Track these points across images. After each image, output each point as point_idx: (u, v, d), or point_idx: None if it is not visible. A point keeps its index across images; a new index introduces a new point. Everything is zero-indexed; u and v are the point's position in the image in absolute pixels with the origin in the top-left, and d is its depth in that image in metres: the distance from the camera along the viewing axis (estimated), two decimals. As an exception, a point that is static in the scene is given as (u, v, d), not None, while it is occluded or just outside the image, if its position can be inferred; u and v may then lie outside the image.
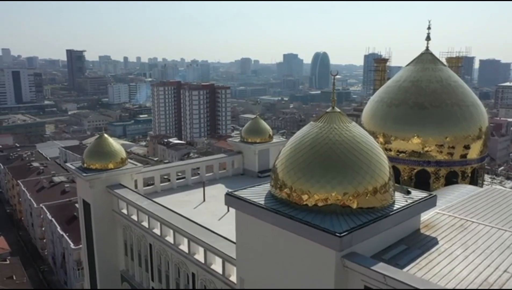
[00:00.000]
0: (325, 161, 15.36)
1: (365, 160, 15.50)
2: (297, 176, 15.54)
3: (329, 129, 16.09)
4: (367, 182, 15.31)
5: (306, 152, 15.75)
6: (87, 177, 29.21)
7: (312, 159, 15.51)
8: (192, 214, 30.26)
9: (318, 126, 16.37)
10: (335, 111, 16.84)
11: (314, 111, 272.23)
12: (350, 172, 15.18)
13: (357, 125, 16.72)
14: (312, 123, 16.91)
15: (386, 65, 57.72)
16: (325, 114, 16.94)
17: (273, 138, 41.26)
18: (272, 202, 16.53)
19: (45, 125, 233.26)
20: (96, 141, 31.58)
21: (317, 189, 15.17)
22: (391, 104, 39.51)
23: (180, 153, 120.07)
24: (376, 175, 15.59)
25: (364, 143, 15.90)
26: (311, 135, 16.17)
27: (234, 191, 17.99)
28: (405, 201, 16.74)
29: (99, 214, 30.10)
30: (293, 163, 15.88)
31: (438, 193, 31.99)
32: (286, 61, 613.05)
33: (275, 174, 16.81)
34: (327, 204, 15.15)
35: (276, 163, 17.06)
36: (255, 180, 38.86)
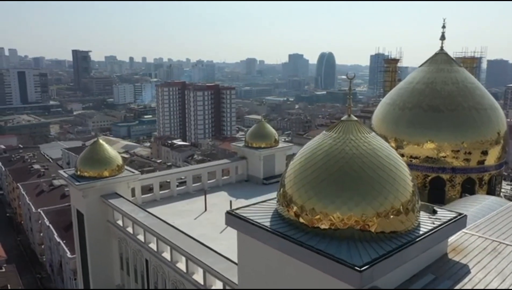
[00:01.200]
0: (341, 178, 13.24)
1: (387, 177, 13.36)
2: (308, 195, 13.43)
3: (345, 140, 13.96)
4: (389, 203, 13.18)
5: (318, 167, 13.63)
6: (80, 186, 27.30)
7: (325, 175, 13.39)
8: (192, 226, 28.37)
9: (332, 137, 14.25)
10: (351, 120, 14.72)
11: (319, 111, 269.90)
12: (371, 191, 13.05)
13: (376, 136, 14.58)
14: (325, 133, 14.78)
15: (396, 66, 55.53)
16: (339, 122, 14.81)
17: (279, 142, 39.15)
18: (278, 223, 14.44)
19: (50, 126, 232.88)
20: (90, 147, 29.67)
21: (331, 211, 13.06)
22: (403, 107, 37.44)
23: (184, 155, 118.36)
24: (400, 195, 13.45)
25: (386, 157, 13.75)
26: (324, 147, 14.05)
27: (235, 210, 15.89)
28: (432, 223, 14.58)
29: (93, 225, 28.17)
30: (304, 179, 13.78)
31: (457, 204, 29.93)
32: (291, 61, 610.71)
33: (283, 191, 14.72)
34: (343, 228, 13.03)
35: (284, 178, 14.96)
36: (260, 188, 36.90)
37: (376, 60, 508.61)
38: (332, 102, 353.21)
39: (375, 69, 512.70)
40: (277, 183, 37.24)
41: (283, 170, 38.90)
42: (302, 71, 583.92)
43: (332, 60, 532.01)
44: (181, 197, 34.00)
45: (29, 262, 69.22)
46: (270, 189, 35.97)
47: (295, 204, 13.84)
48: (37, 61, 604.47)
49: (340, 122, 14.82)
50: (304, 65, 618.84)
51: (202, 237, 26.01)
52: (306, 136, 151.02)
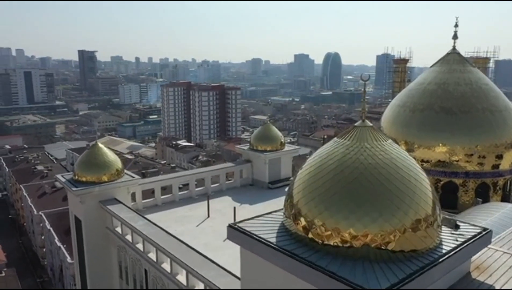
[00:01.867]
0: (356, 191, 11.93)
1: (407, 190, 12.02)
2: (319, 210, 12.13)
3: (359, 148, 12.63)
4: (410, 219, 11.86)
5: (330, 178, 12.32)
6: (77, 191, 26.15)
7: (338, 187, 12.08)
8: (194, 234, 27.18)
9: (345, 145, 12.92)
10: (366, 125, 13.38)
11: (325, 112, 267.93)
12: (388, 206, 11.72)
13: (393, 144, 13.24)
14: (337, 140, 13.46)
15: (406, 66, 54.06)
16: (353, 128, 13.48)
17: (285, 145, 37.83)
18: (285, 238, 13.14)
19: (56, 126, 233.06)
20: (89, 151, 28.53)
21: (344, 227, 11.75)
22: (414, 108, 35.97)
23: (189, 156, 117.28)
24: (421, 210, 12.11)
25: (405, 168, 12.41)
26: (336, 156, 12.72)
27: (238, 223, 14.60)
28: (455, 239, 13.21)
29: (91, 232, 27.04)
30: (314, 192, 12.47)
31: (473, 213, 28.43)
32: (297, 61, 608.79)
33: (290, 202, 13.42)
34: (358, 246, 11.72)
35: (292, 189, 13.66)
36: (265, 192, 35.61)
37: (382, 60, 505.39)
38: (338, 102, 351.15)
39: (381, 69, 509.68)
40: (283, 188, 36.30)
41: (290, 174, 37.98)
42: (307, 71, 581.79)
43: (338, 60, 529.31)
44: (184, 202, 32.79)
45: (31, 265, 68.37)
46: (275, 194, 34.71)
47: (303, 218, 12.55)
48: (43, 61, 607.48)
49: (353, 128, 13.49)
50: (310, 65, 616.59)
51: (204, 247, 24.84)
52: (312, 137, 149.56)
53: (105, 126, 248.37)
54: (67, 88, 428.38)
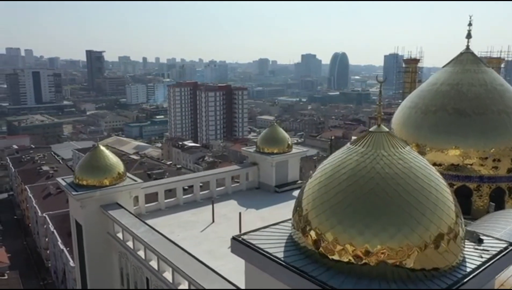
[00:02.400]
0: (371, 203, 10.87)
1: (428, 203, 10.94)
2: (330, 223, 11.09)
3: (375, 156, 11.56)
4: (431, 234, 10.79)
5: (343, 189, 11.27)
6: (77, 195, 25.32)
7: (352, 199, 11.03)
8: (198, 240, 26.24)
9: (359, 152, 11.85)
10: (382, 131, 12.30)
11: (332, 112, 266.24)
12: (408, 220, 10.65)
13: (412, 151, 12.16)
14: (350, 146, 12.40)
15: (417, 66, 52.66)
16: (367, 134, 12.40)
17: (293, 147, 36.75)
18: (293, 253, 12.12)
19: (63, 126, 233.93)
20: (90, 154, 27.72)
21: (359, 243, 10.70)
22: (426, 110, 34.68)
23: (195, 157, 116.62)
24: (443, 224, 11.03)
25: (425, 178, 11.33)
26: (349, 164, 11.67)
27: (243, 235, 13.58)
28: (479, 256, 12.09)
29: (91, 238, 26.20)
30: (325, 203, 11.43)
31: (490, 220, 27.12)
32: (304, 61, 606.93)
33: (299, 213, 12.40)
34: (373, 264, 10.66)
35: (302, 199, 12.62)
36: (272, 196, 34.55)
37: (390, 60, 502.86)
38: (345, 102, 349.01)
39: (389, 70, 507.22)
40: (290, 191, 35.16)
41: (297, 177, 36.85)
42: (314, 72, 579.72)
43: (346, 60, 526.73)
44: (188, 206, 31.84)
45: (35, 267, 67.98)
46: (282, 198, 33.69)
47: (313, 232, 11.52)
48: (52, 62, 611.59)
49: (368, 133, 12.41)
50: (317, 65, 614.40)
51: (208, 254, 23.92)
52: (319, 138, 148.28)
53: (112, 126, 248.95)
54: (75, 88, 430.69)
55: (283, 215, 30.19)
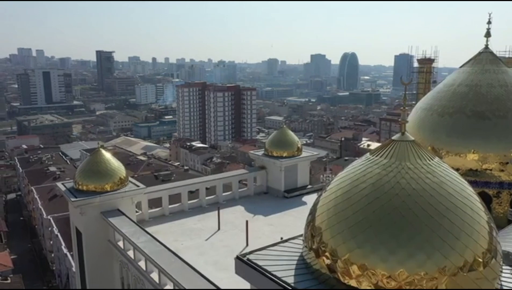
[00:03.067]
0: (396, 225, 9.40)
1: (462, 224, 9.44)
2: (348, 247, 9.64)
3: (399, 169, 10.09)
4: (466, 261, 9.27)
5: (362, 207, 9.81)
6: (76, 202, 24.17)
7: (373, 220, 9.57)
8: (203, 249, 24.92)
9: (381, 164, 10.38)
10: (406, 140, 10.81)
11: (342, 113, 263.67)
12: (440, 245, 9.18)
13: (442, 163, 10.65)
14: (370, 157, 10.94)
15: (432, 66, 50.76)
16: (390, 143, 10.93)
17: (302, 151, 35.26)
18: (305, 277, 10.72)
19: (72, 126, 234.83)
20: (90, 158, 26.58)
21: (382, 271, 9.25)
22: (443, 112, 32.93)
23: (203, 158, 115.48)
24: (479, 248, 9.52)
25: (459, 195, 9.83)
26: (370, 178, 10.21)
27: (248, 254, 12.18)
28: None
29: (91, 246, 25.03)
30: (342, 223, 9.99)
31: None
32: (313, 61, 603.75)
33: (312, 231, 10.99)
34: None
35: (315, 215, 11.18)
36: (281, 202, 33.13)
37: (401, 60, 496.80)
38: (354, 103, 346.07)
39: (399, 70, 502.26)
40: (299, 197, 33.65)
41: (307, 182, 35.31)
42: (324, 72, 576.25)
43: (355, 60, 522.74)
44: (193, 212, 30.54)
45: (40, 269, 67.28)
46: (292, 204, 32.31)
47: (328, 255, 10.09)
48: (63, 62, 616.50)
49: (390, 142, 10.94)
50: (326, 65, 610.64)
51: (213, 265, 22.63)
52: (329, 139, 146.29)
53: (121, 126, 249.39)
54: (85, 88, 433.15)
55: (292, 222, 29.01)
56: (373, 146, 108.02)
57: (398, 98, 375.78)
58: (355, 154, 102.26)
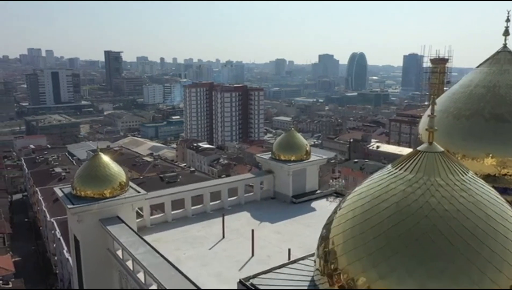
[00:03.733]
0: (426, 252, 7.95)
1: (504, 253, 7.99)
2: (369, 276, 8.22)
3: (428, 186, 8.65)
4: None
5: (385, 230, 8.38)
6: (73, 209, 22.98)
7: (398, 245, 8.14)
8: (206, 259, 23.60)
9: (406, 179, 8.94)
10: (435, 151, 9.36)
11: (350, 113, 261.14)
12: (478, 278, 7.70)
13: (477, 179, 9.17)
14: (392, 170, 9.50)
15: (445, 67, 48.97)
16: (416, 153, 9.48)
17: (311, 154, 33.81)
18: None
19: (80, 126, 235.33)
20: (89, 162, 25.41)
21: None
22: (459, 115, 31.17)
23: (209, 159, 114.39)
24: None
25: (499, 217, 8.37)
26: (393, 196, 8.77)
27: (252, 278, 10.81)
28: None
29: (90, 255, 23.84)
30: (361, 248, 8.57)
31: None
32: (321, 62, 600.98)
33: (325, 255, 9.57)
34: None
35: (328, 235, 9.77)
36: (289, 208, 31.73)
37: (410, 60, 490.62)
38: (363, 103, 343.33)
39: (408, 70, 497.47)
40: (308, 202, 32.16)
41: (316, 187, 33.81)
42: (332, 72, 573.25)
43: (364, 60, 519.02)
44: (197, 218, 29.27)
45: (44, 272, 66.53)
46: (300, 210, 30.92)
47: (345, 283, 8.69)
48: (72, 62, 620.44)
49: (416, 153, 9.49)
50: (334, 65, 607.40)
51: (216, 277, 21.33)
52: (337, 140, 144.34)
53: (128, 126, 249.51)
54: (93, 88, 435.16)
55: (300, 230, 27.54)
56: (382, 148, 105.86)
57: (407, 99, 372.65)
58: (364, 156, 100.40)
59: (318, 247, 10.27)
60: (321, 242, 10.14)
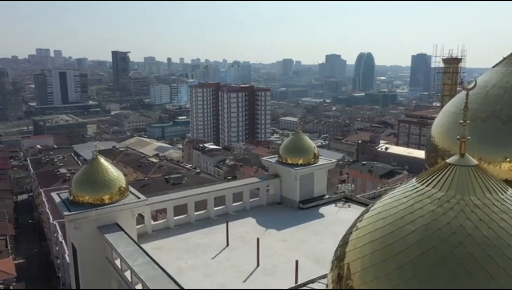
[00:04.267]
0: (461, 286, 6.64)
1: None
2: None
3: (461, 206, 7.37)
4: None
5: (412, 259, 7.12)
6: (70, 216, 21.91)
7: (428, 278, 6.88)
8: (209, 269, 22.38)
9: (435, 198, 7.66)
10: (468, 164, 8.06)
11: (358, 114, 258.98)
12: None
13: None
14: (417, 185, 8.21)
15: (458, 67, 47.38)
16: (444, 167, 8.19)
17: (319, 158, 32.50)
18: None
19: (87, 126, 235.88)
20: (87, 167, 24.30)
21: None
22: (474, 117, 29.46)
23: (216, 160, 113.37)
24: None
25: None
26: (421, 218, 7.50)
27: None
28: None
29: (87, 264, 22.72)
30: (382, 279, 7.32)
31: None
32: (328, 62, 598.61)
33: (338, 279, 8.30)
34: None
35: (343, 261, 8.51)
36: (296, 213, 30.40)
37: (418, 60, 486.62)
38: (370, 103, 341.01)
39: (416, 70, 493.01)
40: (316, 208, 30.84)
41: (324, 191, 32.46)
42: (339, 72, 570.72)
43: (371, 60, 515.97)
44: (200, 225, 28.06)
45: (47, 275, 65.80)
46: (307, 216, 29.60)
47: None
48: (80, 62, 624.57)
49: (445, 166, 8.20)
50: (342, 65, 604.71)
51: None
52: (345, 141, 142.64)
53: (135, 126, 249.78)
54: (100, 88, 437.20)
55: (308, 238, 26.19)
56: (391, 150, 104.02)
57: (415, 99, 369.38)
58: (373, 158, 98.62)
59: (332, 269, 9.01)
60: (335, 264, 8.88)
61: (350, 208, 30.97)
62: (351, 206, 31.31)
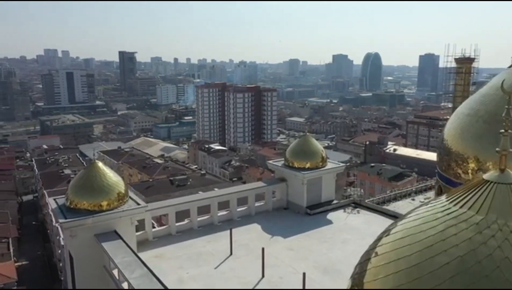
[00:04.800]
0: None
1: None
2: None
3: (505, 233, 6.14)
4: None
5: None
6: (66, 224, 20.87)
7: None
8: (211, 280, 21.21)
9: (472, 222, 6.42)
10: (505, 182, 6.81)
11: (365, 114, 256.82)
12: None
13: None
14: (448, 205, 6.98)
15: (471, 67, 45.86)
16: (481, 184, 6.94)
17: (327, 162, 31.25)
18: None
19: (94, 126, 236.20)
20: (85, 171, 23.27)
21: None
22: (490, 119, 28.20)
23: (221, 161, 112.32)
24: None
25: None
26: (455, 247, 6.27)
27: None
28: None
29: (84, 273, 21.69)
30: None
31: None
32: (335, 62, 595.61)
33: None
34: None
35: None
36: (303, 219, 29.15)
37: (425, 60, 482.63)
38: (378, 104, 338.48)
39: (424, 70, 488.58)
40: (324, 214, 29.53)
41: (332, 196, 31.12)
42: (346, 72, 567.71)
43: (378, 60, 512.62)
44: (203, 231, 26.91)
45: (50, 277, 65.13)
46: (315, 222, 28.32)
47: None
48: (87, 62, 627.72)
49: (482, 183, 6.95)
50: (349, 66, 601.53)
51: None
52: (352, 142, 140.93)
53: (141, 126, 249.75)
54: (107, 88, 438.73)
55: (315, 246, 24.82)
56: (400, 151, 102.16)
57: (423, 99, 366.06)
58: (381, 159, 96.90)
59: None
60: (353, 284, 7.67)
61: (359, 214, 29.74)
62: (360, 211, 30.06)
